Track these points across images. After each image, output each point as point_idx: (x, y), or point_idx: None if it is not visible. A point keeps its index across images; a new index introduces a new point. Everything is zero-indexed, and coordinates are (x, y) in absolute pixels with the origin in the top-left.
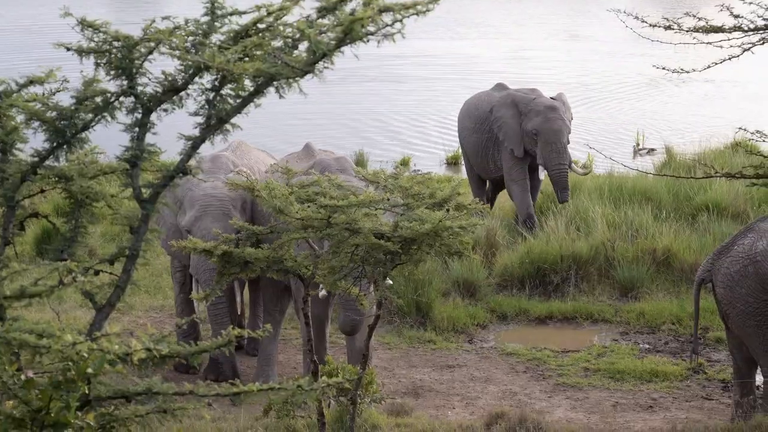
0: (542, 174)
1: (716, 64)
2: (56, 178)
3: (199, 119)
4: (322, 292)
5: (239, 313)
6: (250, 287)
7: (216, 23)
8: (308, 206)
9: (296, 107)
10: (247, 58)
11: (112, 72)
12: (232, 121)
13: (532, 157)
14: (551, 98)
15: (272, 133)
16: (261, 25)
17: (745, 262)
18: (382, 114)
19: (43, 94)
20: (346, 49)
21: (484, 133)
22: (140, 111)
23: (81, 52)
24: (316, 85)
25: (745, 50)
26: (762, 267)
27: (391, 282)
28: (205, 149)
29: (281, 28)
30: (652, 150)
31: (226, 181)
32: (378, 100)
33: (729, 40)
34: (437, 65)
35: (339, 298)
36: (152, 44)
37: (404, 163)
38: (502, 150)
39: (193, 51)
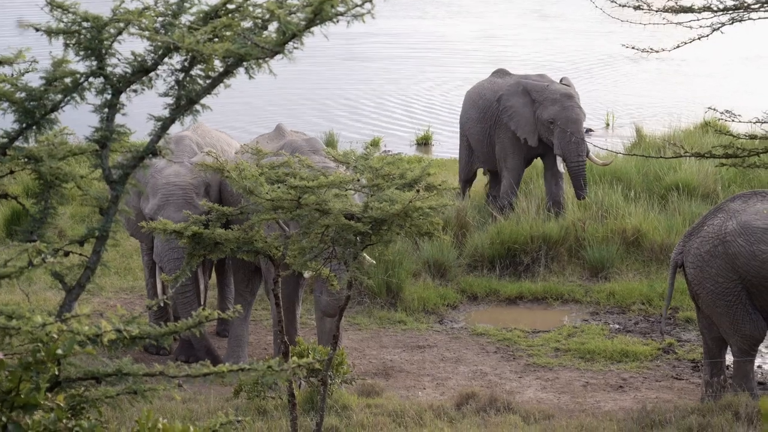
0: (560, 164)
1: (686, 43)
2: (25, 159)
3: (169, 100)
4: (308, 273)
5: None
6: (217, 270)
7: (185, 4)
8: (278, 187)
9: (265, 88)
10: (216, 39)
11: (82, 53)
12: (202, 101)
13: (544, 146)
14: (562, 84)
15: (242, 115)
16: (230, 6)
17: (715, 242)
18: (353, 95)
19: (12, 74)
20: (315, 29)
21: (488, 122)
22: (110, 92)
23: (50, 32)
24: (286, 65)
25: (714, 30)
26: (731, 247)
27: (374, 261)
28: (173, 130)
29: (251, 8)
30: (590, 131)
31: (196, 163)
32: (348, 81)
33: (698, 20)
34: (406, 45)
35: (320, 282)
36: (121, 25)
37: (374, 143)
38: (501, 136)
39: (163, 32)
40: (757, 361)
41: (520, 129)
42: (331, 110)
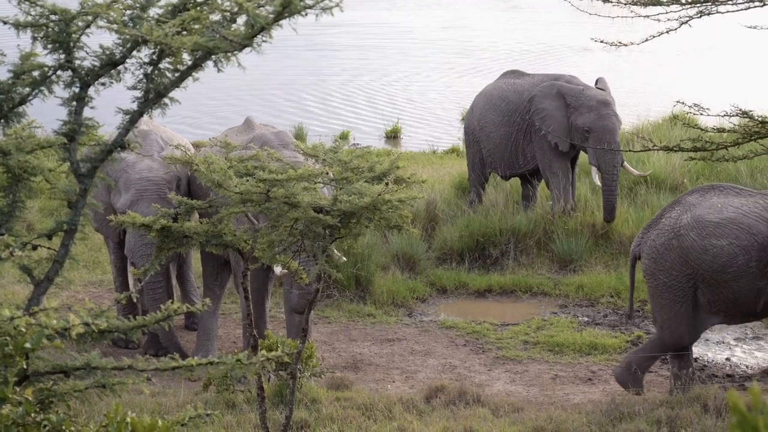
0: (595, 176)
1: (654, 37)
2: None
3: (137, 93)
4: (278, 269)
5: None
6: (179, 266)
7: None
8: (247, 180)
9: (233, 80)
10: (185, 32)
11: (50, 46)
12: (171, 95)
13: (575, 151)
14: (597, 87)
15: (209, 108)
16: None
17: (669, 235)
18: (321, 88)
19: None
20: (284, 22)
21: (514, 126)
22: (78, 85)
23: (18, 25)
24: (255, 59)
25: (682, 23)
26: (685, 240)
27: (344, 258)
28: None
29: (219, 1)
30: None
31: (165, 157)
32: (316, 73)
33: (667, 13)
34: (373, 36)
35: (289, 276)
36: (90, 18)
37: (343, 136)
38: (536, 141)
39: (131, 25)
40: (725, 354)
41: (553, 136)
42: (300, 103)
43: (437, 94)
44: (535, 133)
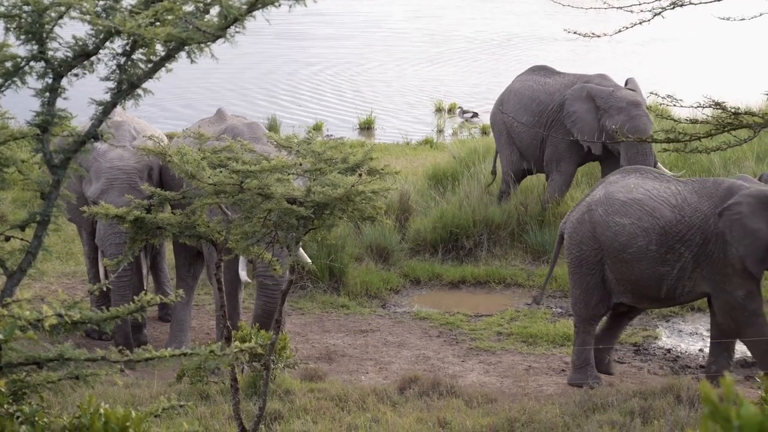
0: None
1: (627, 28)
2: None
3: (111, 84)
4: (243, 274)
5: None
6: (153, 257)
7: None
8: (220, 171)
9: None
10: (158, 23)
11: (22, 36)
12: (144, 85)
13: (606, 151)
14: (628, 88)
15: (184, 99)
16: None
17: (583, 209)
18: (294, 79)
19: None
20: (257, 12)
21: (543, 126)
22: (51, 76)
23: None
24: (227, 49)
25: (655, 14)
26: (594, 215)
27: (309, 261)
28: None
29: None
30: (475, 114)
31: (137, 147)
32: (290, 65)
33: (640, 4)
34: (347, 26)
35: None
36: (62, 9)
37: (317, 128)
38: (551, 137)
39: (104, 15)
40: (699, 345)
41: (583, 136)
42: (273, 95)
43: (411, 84)
44: (556, 130)
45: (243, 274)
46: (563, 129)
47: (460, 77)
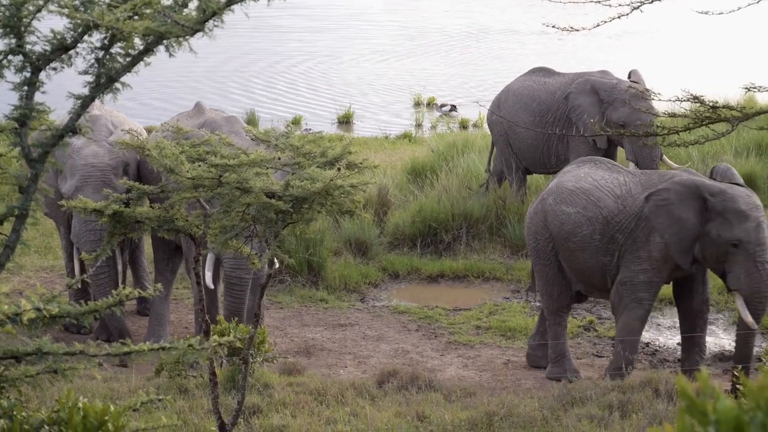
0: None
1: (605, 22)
2: None
3: (89, 78)
4: (208, 278)
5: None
6: (132, 251)
7: None
8: (199, 165)
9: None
10: (136, 17)
11: (0, 30)
12: (122, 79)
13: (613, 147)
14: (631, 81)
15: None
16: None
17: (538, 199)
18: (272, 72)
19: None
20: (236, 6)
21: (548, 126)
22: (29, 70)
23: None
24: (206, 43)
25: (634, 8)
26: (545, 204)
27: (277, 265)
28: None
29: None
30: (454, 108)
31: (115, 141)
32: (269, 59)
33: None
34: (326, 18)
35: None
36: (41, 2)
37: (295, 122)
38: (572, 141)
39: (82, 9)
40: (677, 339)
41: (589, 130)
42: (252, 89)
43: (389, 78)
44: (567, 129)
45: (208, 276)
46: (569, 124)
47: (438, 70)
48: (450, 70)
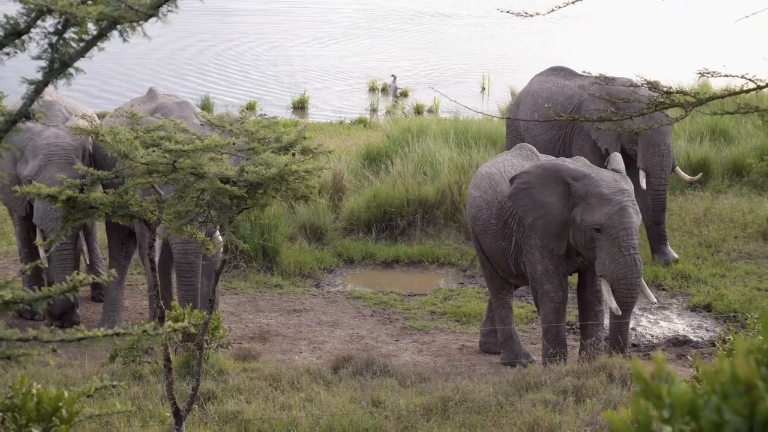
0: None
1: (560, 7)
2: None
3: (42, 63)
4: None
5: (80, 262)
6: (86, 236)
7: None
8: (153, 151)
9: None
10: (90, 2)
11: None
12: (76, 64)
13: (627, 156)
14: (648, 88)
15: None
16: None
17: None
18: (228, 57)
19: None
20: None
21: (562, 129)
22: None
23: None
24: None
25: None
26: (468, 190)
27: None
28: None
29: None
30: (404, 94)
31: (70, 127)
32: (223, 43)
33: None
34: (279, 2)
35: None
36: None
37: (250, 107)
38: (581, 144)
39: None
40: (631, 324)
41: (601, 139)
42: (206, 74)
43: (344, 63)
44: (578, 135)
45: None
46: (583, 132)
47: (393, 54)
48: (407, 53)
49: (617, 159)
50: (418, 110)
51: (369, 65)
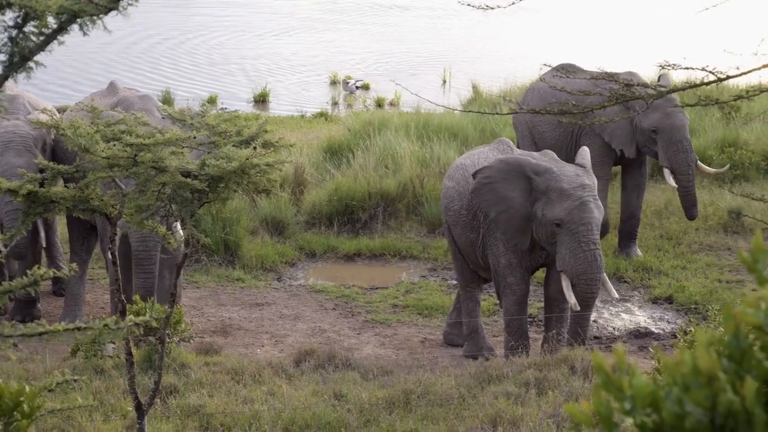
0: (669, 178)
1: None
2: None
3: (2, 57)
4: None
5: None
6: (46, 230)
7: None
8: (114, 145)
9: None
10: None
11: None
12: (36, 58)
13: (640, 154)
14: (658, 85)
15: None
16: None
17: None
18: (188, 50)
19: None
20: None
21: (569, 127)
22: None
23: None
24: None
25: None
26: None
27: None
28: None
29: None
30: (365, 87)
31: (31, 120)
32: (182, 37)
33: None
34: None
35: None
36: None
37: (211, 100)
38: (590, 144)
39: None
40: (592, 316)
41: (615, 139)
42: (166, 67)
43: (305, 55)
44: (586, 135)
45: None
46: (591, 132)
47: (354, 47)
48: (367, 46)
49: (583, 154)
50: (380, 103)
51: (330, 58)
